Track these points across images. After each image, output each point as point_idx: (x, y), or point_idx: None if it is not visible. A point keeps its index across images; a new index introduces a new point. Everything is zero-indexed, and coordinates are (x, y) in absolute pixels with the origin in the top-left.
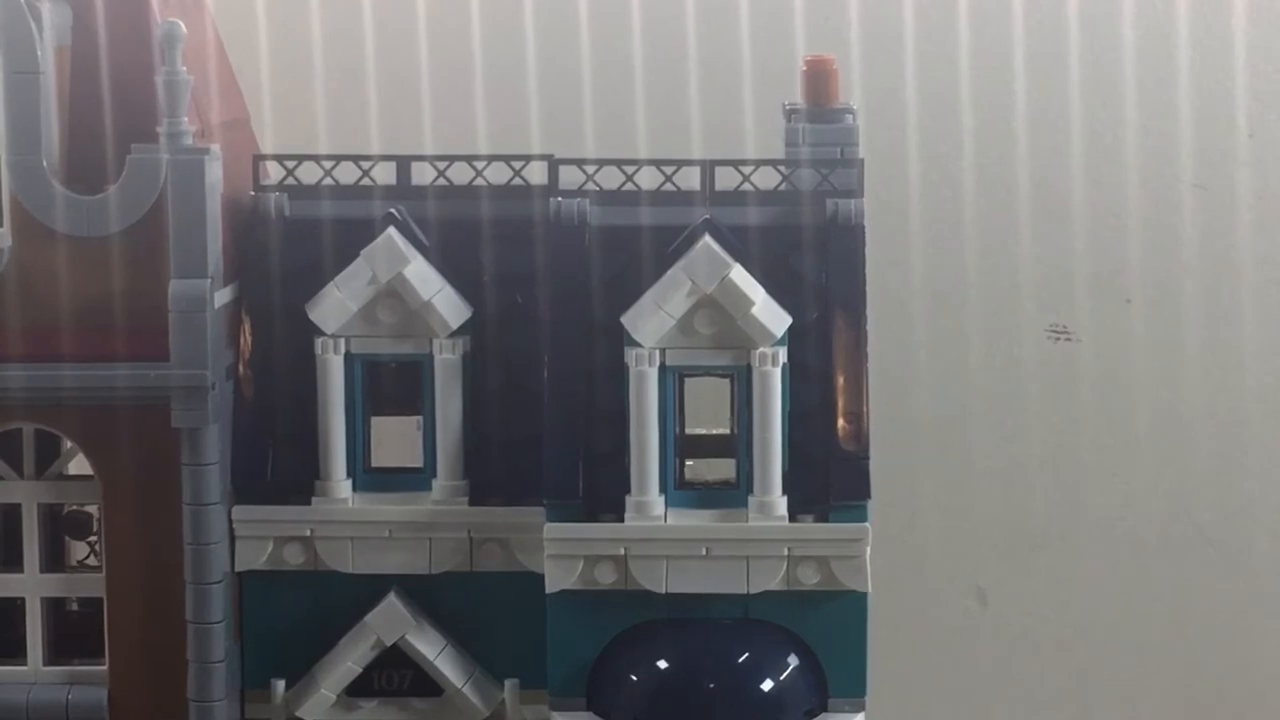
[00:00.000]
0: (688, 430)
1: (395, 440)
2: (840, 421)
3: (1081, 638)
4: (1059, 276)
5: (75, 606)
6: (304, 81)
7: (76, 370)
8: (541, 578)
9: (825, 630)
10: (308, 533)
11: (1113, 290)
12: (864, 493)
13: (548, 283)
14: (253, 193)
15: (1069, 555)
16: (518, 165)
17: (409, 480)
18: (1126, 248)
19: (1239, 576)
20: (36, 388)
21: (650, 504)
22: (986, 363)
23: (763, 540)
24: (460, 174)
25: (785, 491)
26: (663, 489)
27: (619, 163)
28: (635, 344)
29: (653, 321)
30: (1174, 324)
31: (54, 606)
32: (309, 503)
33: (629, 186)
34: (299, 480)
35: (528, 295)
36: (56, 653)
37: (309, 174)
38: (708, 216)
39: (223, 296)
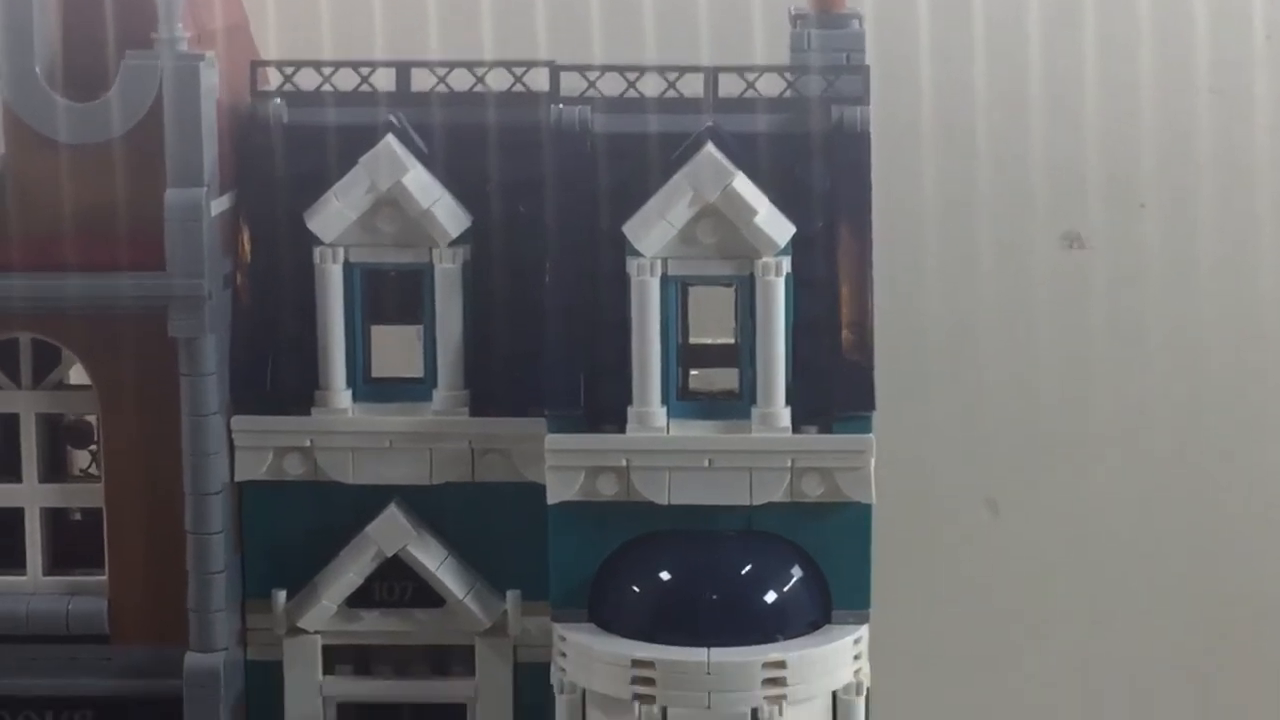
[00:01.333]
0: (692, 339)
1: (397, 350)
2: (844, 332)
3: (1092, 547)
4: (1072, 182)
5: (78, 516)
6: None
7: (73, 280)
8: (543, 489)
9: (829, 542)
10: (307, 443)
11: (1126, 196)
12: (868, 404)
13: (549, 191)
14: (251, 99)
15: (1080, 464)
16: (519, 71)
17: (410, 391)
18: (1141, 153)
19: (1250, 485)
20: (32, 297)
21: (652, 415)
22: (998, 270)
23: (766, 452)
24: (462, 81)
25: (789, 403)
26: (665, 400)
27: (621, 69)
28: (637, 254)
29: (655, 231)
30: (1188, 229)
31: (54, 516)
32: (309, 413)
33: (632, 93)
34: (299, 390)
35: (530, 204)
36: (56, 563)
37: (309, 80)
38: (710, 124)
39: (220, 205)
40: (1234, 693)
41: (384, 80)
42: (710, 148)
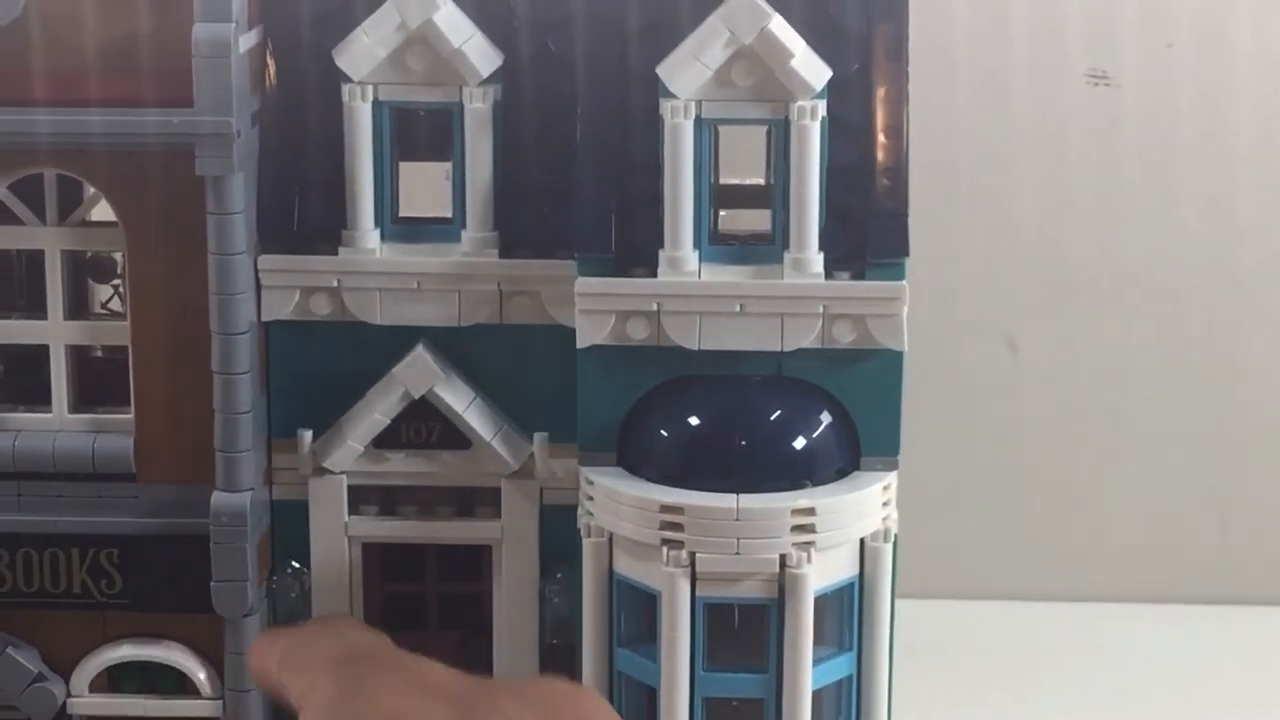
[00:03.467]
0: (723, 180)
1: (425, 189)
2: (879, 177)
3: (1112, 386)
4: (1098, 20)
5: (99, 353)
6: None
7: (99, 115)
8: (572, 332)
9: (859, 389)
10: (335, 283)
11: (1154, 35)
12: (902, 250)
13: (581, 30)
14: None
15: (1102, 303)
16: None
17: (438, 231)
18: None
19: (1273, 326)
20: (58, 132)
21: (684, 259)
22: (1023, 108)
23: (798, 298)
24: None
25: (821, 248)
26: (697, 244)
27: None
28: (670, 95)
29: (689, 73)
30: (1217, 69)
31: (79, 354)
32: (336, 253)
33: None
34: (326, 230)
35: (561, 42)
36: (82, 400)
37: None
38: None
39: (248, 40)
40: (1252, 520)
41: None
42: None
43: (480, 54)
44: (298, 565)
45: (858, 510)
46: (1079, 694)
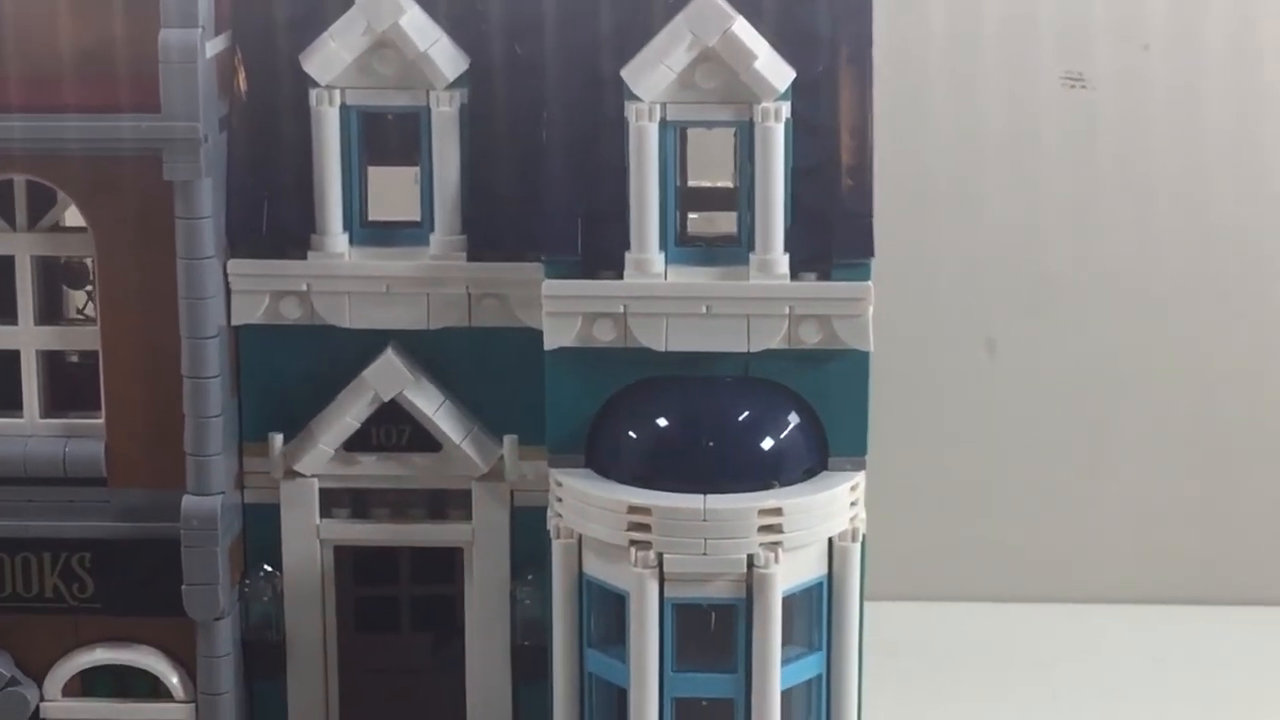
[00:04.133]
0: (691, 183)
1: (394, 193)
2: (844, 178)
3: (1090, 386)
4: (1075, 22)
5: (75, 359)
6: None
7: (68, 121)
8: (541, 334)
9: (827, 389)
10: (304, 287)
11: (1131, 37)
12: (867, 250)
13: (549, 33)
14: None
15: (1080, 304)
16: None
17: (407, 234)
18: None
19: (1253, 327)
20: (27, 138)
21: (650, 261)
22: (1000, 111)
23: (764, 299)
24: None
25: (787, 249)
26: (663, 246)
27: None
28: (635, 98)
29: (653, 75)
30: (1193, 70)
31: (50, 359)
32: (305, 257)
33: None
34: (295, 234)
35: (528, 46)
36: (53, 405)
37: None
38: None
39: (215, 45)
40: (1230, 524)
41: None
42: None
43: (447, 57)
44: (270, 569)
45: (825, 510)
46: (1052, 696)
